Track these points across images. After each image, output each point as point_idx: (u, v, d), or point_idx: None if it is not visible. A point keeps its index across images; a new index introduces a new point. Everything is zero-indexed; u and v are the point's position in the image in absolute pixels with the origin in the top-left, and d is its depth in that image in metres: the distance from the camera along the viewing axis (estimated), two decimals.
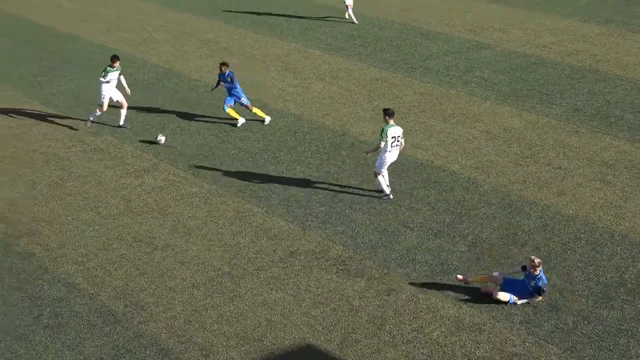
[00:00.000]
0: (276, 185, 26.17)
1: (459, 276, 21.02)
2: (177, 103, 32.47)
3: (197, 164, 27.65)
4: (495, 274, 20.72)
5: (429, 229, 23.54)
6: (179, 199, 25.60)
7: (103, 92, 29.61)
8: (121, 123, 30.28)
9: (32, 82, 35.21)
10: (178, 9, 44.53)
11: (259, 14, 43.26)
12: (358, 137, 29.20)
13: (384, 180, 25.01)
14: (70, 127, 30.49)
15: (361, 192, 25.60)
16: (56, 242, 23.52)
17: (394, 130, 24.56)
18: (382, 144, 24.47)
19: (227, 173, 27.01)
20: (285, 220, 24.26)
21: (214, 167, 27.45)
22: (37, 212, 25.06)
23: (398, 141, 24.64)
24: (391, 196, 25.06)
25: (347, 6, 40.92)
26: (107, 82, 29.55)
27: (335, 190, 25.76)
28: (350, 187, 25.94)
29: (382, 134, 24.46)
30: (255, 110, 30.38)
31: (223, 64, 29.94)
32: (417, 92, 32.88)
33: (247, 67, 36.00)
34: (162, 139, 29.18)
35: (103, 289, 21.36)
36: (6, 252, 23.06)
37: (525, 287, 20.24)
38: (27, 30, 41.85)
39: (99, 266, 22.33)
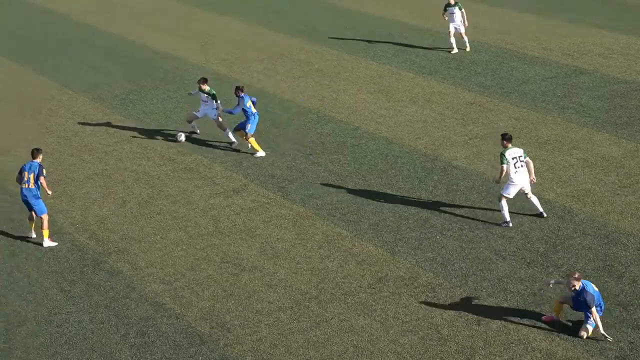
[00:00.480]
0: (366, 209, 25.86)
1: (544, 316, 20.45)
2: (268, 123, 32.37)
3: (286, 186, 27.48)
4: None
5: (522, 258, 22.99)
6: (267, 220, 25.44)
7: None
8: (232, 139, 30.40)
9: (124, 99, 35.51)
10: (271, 29, 44.59)
11: (352, 35, 43.07)
12: (450, 162, 28.73)
13: (506, 205, 24.49)
14: (161, 146, 30.64)
15: (453, 218, 25.15)
16: (144, 260, 23.54)
17: (513, 151, 24.37)
18: (504, 167, 24.17)
19: (316, 195, 26.79)
20: (375, 245, 23.93)
21: (303, 189, 27.25)
22: (127, 230, 25.14)
23: (521, 161, 24.33)
24: (510, 224, 24.52)
25: (460, 34, 39.46)
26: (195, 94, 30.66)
27: (426, 216, 25.34)
28: (441, 213, 25.50)
29: (502, 158, 24.26)
30: (250, 141, 29.74)
31: (237, 88, 29.65)
32: (512, 117, 32.27)
33: (339, 89, 35.80)
34: (182, 137, 30.63)
35: (190, 310, 21.31)
36: (95, 270, 23.17)
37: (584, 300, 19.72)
38: (121, 48, 42.28)
39: (186, 286, 22.28)
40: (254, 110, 29.52)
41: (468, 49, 39.67)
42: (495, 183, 25.08)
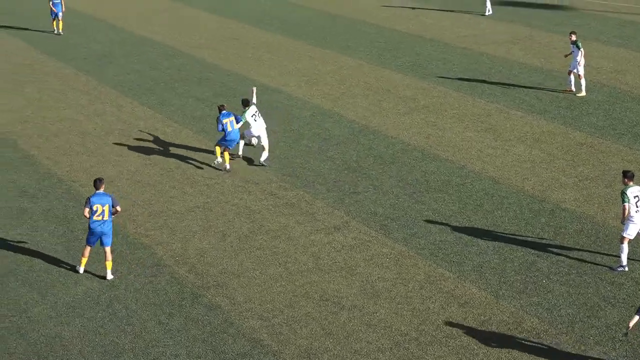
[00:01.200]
0: (470, 250, 25.23)
1: None
2: (371, 160, 32.01)
3: (389, 224, 27.02)
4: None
5: (632, 306, 22.12)
6: (368, 258, 25.00)
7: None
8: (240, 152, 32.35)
9: None
10: (378, 65, 44.32)
11: (459, 72, 42.55)
12: (559, 205, 27.91)
13: (627, 248, 23.77)
14: (263, 180, 30.49)
15: (560, 262, 24.37)
16: (243, 295, 23.30)
17: (635, 190, 23.68)
18: (626, 205, 23.47)
19: (419, 235, 26.26)
20: (478, 287, 23.30)
21: (406, 227, 26.75)
22: (226, 264, 24.95)
23: None
24: (626, 268, 23.73)
25: (579, 75, 38.20)
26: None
27: (532, 259, 24.60)
28: (548, 256, 24.75)
29: (623, 196, 23.58)
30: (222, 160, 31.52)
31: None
32: (625, 159, 31.30)
33: (445, 126, 35.28)
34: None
35: (287, 347, 20.98)
36: (193, 303, 22.99)
37: None
38: (228, 81, 42.40)
39: (284, 323, 21.95)
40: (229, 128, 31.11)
41: (582, 94, 38.34)
42: (621, 223, 24.17)
